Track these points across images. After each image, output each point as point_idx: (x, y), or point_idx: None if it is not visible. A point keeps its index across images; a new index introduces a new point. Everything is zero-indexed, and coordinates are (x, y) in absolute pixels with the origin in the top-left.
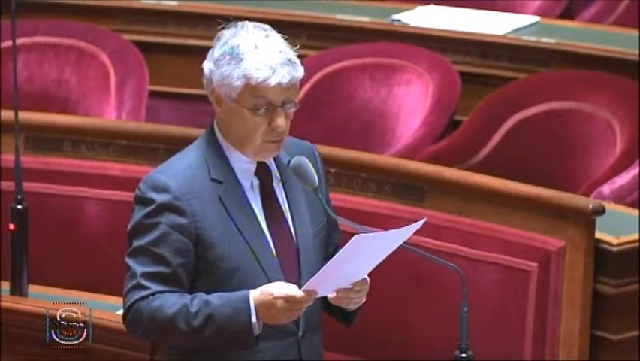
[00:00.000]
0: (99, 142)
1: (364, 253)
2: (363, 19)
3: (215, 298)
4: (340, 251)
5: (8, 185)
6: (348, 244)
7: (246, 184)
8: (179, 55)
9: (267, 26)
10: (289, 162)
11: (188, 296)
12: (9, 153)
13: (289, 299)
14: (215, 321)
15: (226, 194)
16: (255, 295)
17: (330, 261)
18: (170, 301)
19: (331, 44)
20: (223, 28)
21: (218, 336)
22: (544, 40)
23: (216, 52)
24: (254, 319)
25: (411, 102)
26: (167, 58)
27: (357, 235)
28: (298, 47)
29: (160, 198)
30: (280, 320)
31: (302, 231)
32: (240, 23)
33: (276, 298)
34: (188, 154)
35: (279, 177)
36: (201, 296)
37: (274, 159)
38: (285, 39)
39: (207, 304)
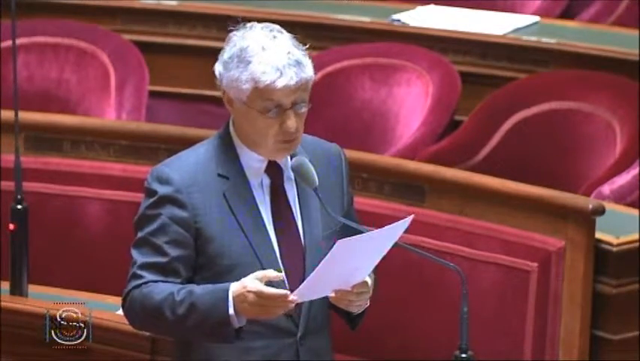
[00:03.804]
0: (99, 142)
1: (354, 257)
2: (363, 19)
3: (200, 288)
4: (324, 259)
5: (8, 185)
6: (331, 250)
7: (254, 182)
8: (179, 55)
9: (275, 26)
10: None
11: (178, 286)
12: (9, 153)
13: (259, 295)
14: (196, 311)
15: (231, 190)
16: (234, 287)
17: (316, 270)
18: (159, 289)
19: (331, 44)
20: (232, 30)
21: (200, 327)
22: (544, 40)
23: (225, 54)
24: (231, 311)
25: (411, 102)
26: (167, 58)
27: (339, 241)
28: (307, 45)
29: (162, 190)
30: (256, 314)
31: (310, 232)
32: (248, 24)
33: (248, 291)
34: (198, 149)
35: (292, 176)
36: (188, 286)
37: (290, 157)
38: (295, 38)
39: (191, 294)
